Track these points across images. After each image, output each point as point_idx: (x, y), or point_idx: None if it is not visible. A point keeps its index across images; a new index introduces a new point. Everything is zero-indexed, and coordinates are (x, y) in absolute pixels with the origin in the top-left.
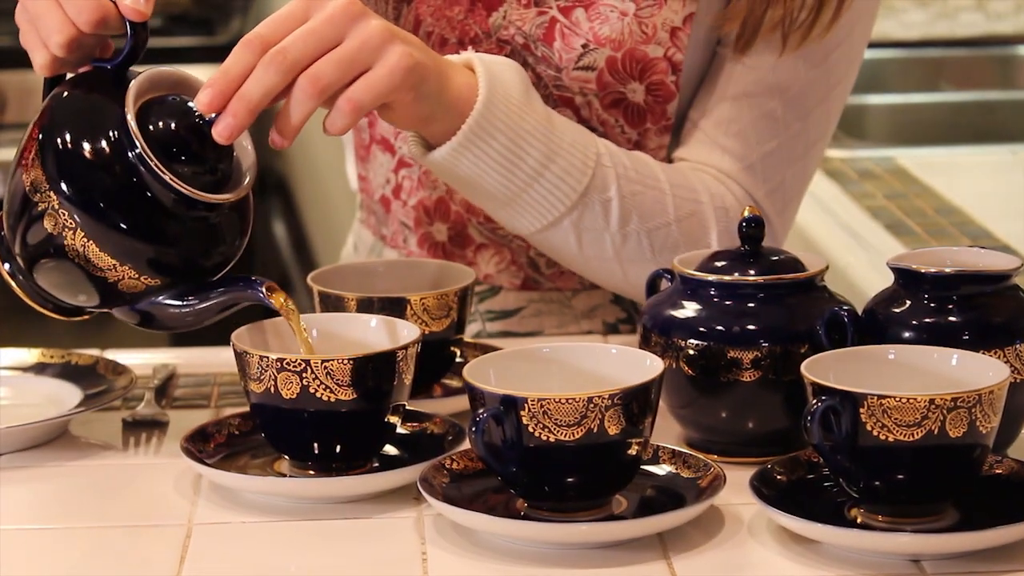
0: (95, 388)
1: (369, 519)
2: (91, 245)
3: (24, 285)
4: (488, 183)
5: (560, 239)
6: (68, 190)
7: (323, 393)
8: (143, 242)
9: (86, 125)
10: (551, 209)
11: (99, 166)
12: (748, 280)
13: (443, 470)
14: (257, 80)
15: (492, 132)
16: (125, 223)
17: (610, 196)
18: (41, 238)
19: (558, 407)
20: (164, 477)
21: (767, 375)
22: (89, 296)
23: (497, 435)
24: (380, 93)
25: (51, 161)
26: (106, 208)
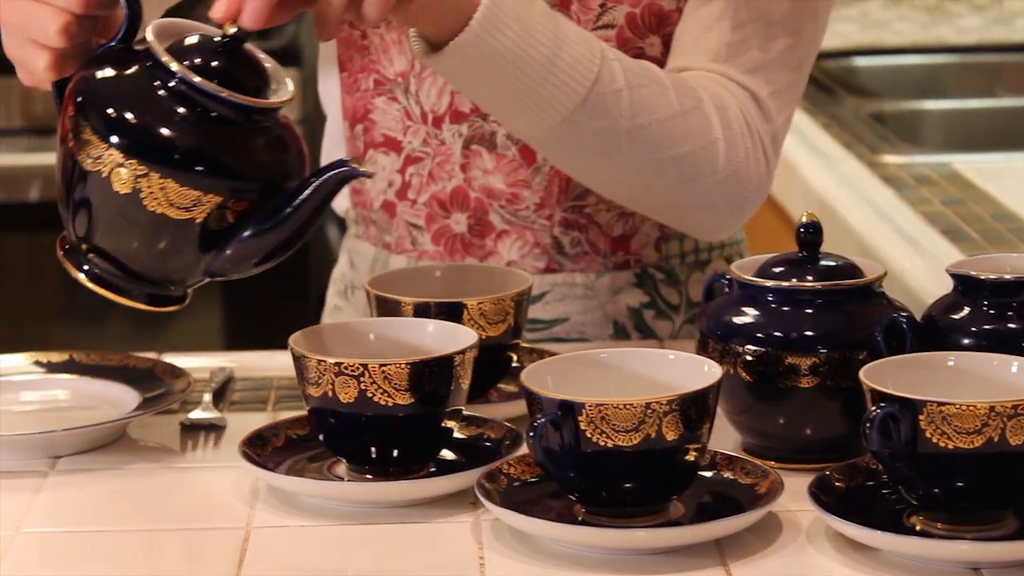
0: (153, 391)
1: (426, 523)
2: (169, 184)
3: (110, 281)
4: (502, 76)
5: (574, 138)
6: (128, 139)
7: (381, 397)
8: (216, 162)
9: (123, 80)
10: (565, 102)
11: (149, 105)
12: (806, 286)
13: (501, 475)
14: None
15: (505, 20)
16: (194, 147)
17: (620, 87)
18: (117, 204)
19: (616, 412)
20: (222, 480)
21: (825, 381)
22: (181, 255)
23: (555, 440)
24: None
25: (101, 123)
26: (172, 138)
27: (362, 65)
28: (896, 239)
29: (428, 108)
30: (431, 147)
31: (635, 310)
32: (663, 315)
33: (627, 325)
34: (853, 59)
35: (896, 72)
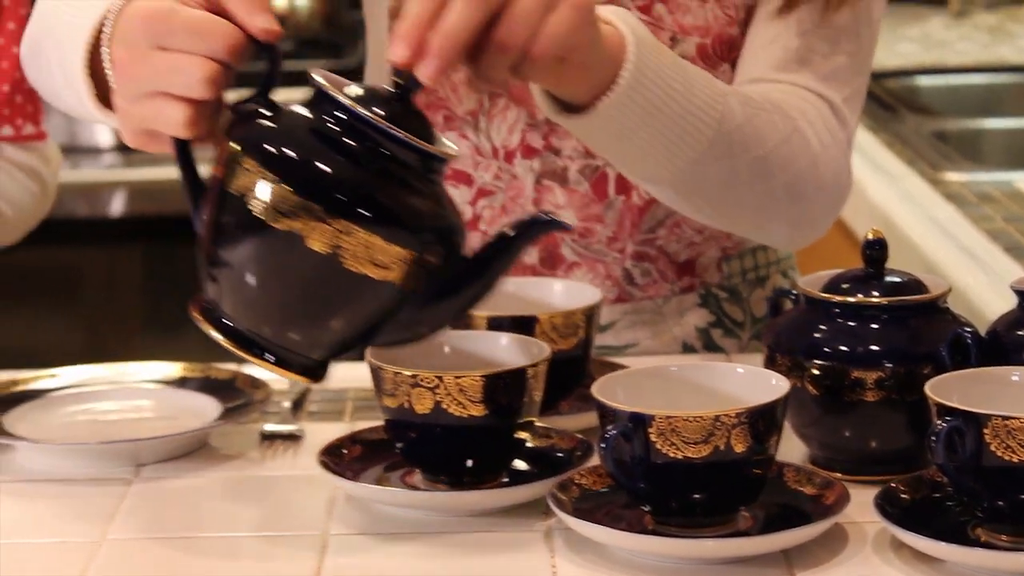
0: (234, 401)
1: (499, 532)
2: (375, 240)
3: (275, 356)
4: (641, 129)
5: (698, 178)
6: (330, 196)
7: (456, 409)
8: (417, 214)
9: (301, 134)
10: (694, 145)
11: (347, 159)
12: (872, 302)
13: (572, 485)
14: (458, 15)
15: (648, 75)
16: (398, 200)
17: (740, 122)
18: (310, 265)
19: (686, 425)
20: (300, 489)
21: (890, 395)
22: (370, 316)
23: (626, 452)
24: (575, 28)
25: (298, 180)
26: (377, 192)
27: (428, 103)
28: (959, 256)
29: (499, 144)
30: (503, 181)
31: (703, 330)
32: (730, 333)
33: (696, 346)
34: (915, 78)
35: (958, 91)
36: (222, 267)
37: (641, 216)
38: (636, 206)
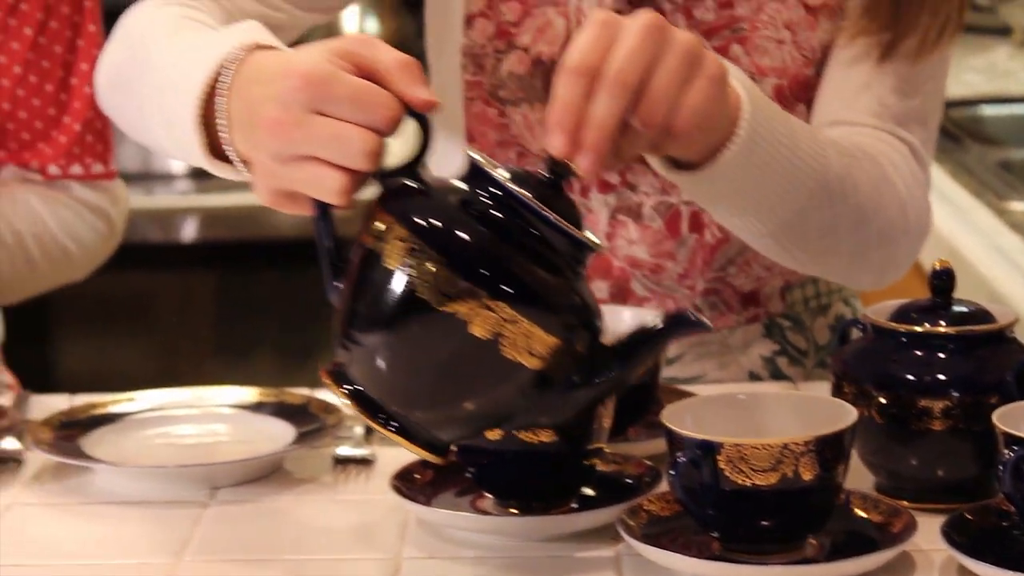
0: (307, 426)
1: (569, 556)
2: (535, 331)
3: (402, 428)
4: (751, 185)
5: (796, 229)
6: (495, 284)
7: (526, 435)
8: (574, 305)
9: (464, 215)
10: (797, 197)
11: (508, 244)
12: (939, 331)
13: (641, 511)
14: (607, 107)
15: (760, 132)
16: (562, 291)
17: (838, 171)
18: (467, 352)
19: (754, 453)
20: (373, 512)
21: (957, 424)
22: (512, 402)
23: (695, 478)
24: (712, 98)
25: (466, 266)
26: (544, 282)
27: (500, 140)
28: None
29: None
30: None
31: (768, 359)
32: (795, 361)
33: (762, 375)
34: (980, 108)
35: (1022, 120)
36: (363, 337)
37: (713, 254)
38: (708, 244)
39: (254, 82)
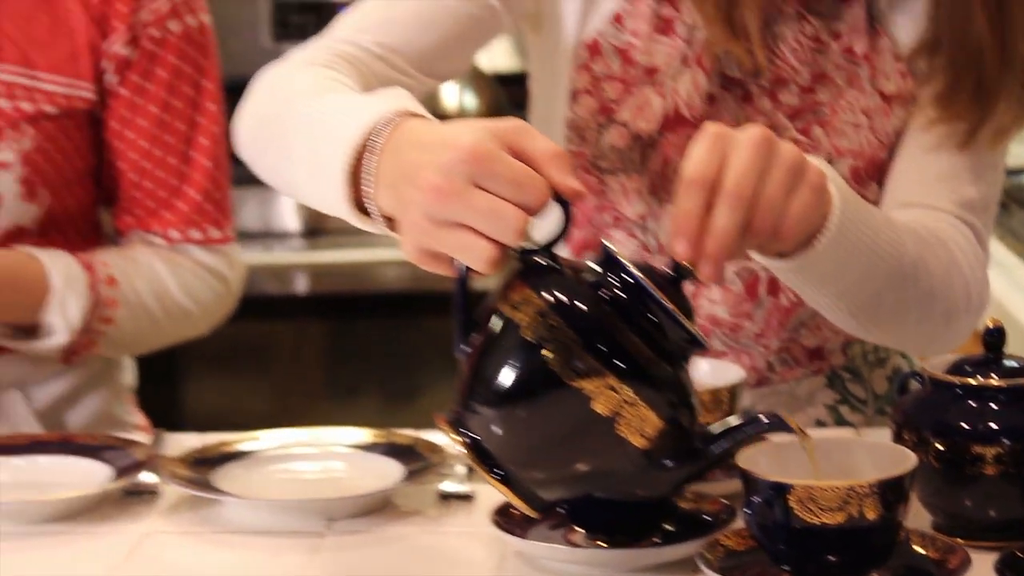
0: (415, 464)
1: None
2: (649, 415)
3: (509, 481)
4: (838, 270)
5: (871, 310)
6: (622, 368)
7: None
8: (684, 396)
9: (598, 300)
10: (874, 281)
11: (635, 331)
12: (992, 384)
13: (718, 546)
14: (725, 219)
15: (847, 224)
16: (665, 378)
17: (913, 257)
18: (585, 425)
19: (823, 494)
20: (473, 545)
21: (1008, 469)
22: (609, 475)
23: (768, 517)
24: (814, 205)
25: (600, 348)
26: (657, 366)
27: (599, 205)
28: None
29: (665, 241)
30: None
31: (831, 407)
32: (856, 409)
33: (827, 421)
34: None
35: None
36: (486, 394)
37: (787, 317)
38: (783, 307)
39: (412, 146)
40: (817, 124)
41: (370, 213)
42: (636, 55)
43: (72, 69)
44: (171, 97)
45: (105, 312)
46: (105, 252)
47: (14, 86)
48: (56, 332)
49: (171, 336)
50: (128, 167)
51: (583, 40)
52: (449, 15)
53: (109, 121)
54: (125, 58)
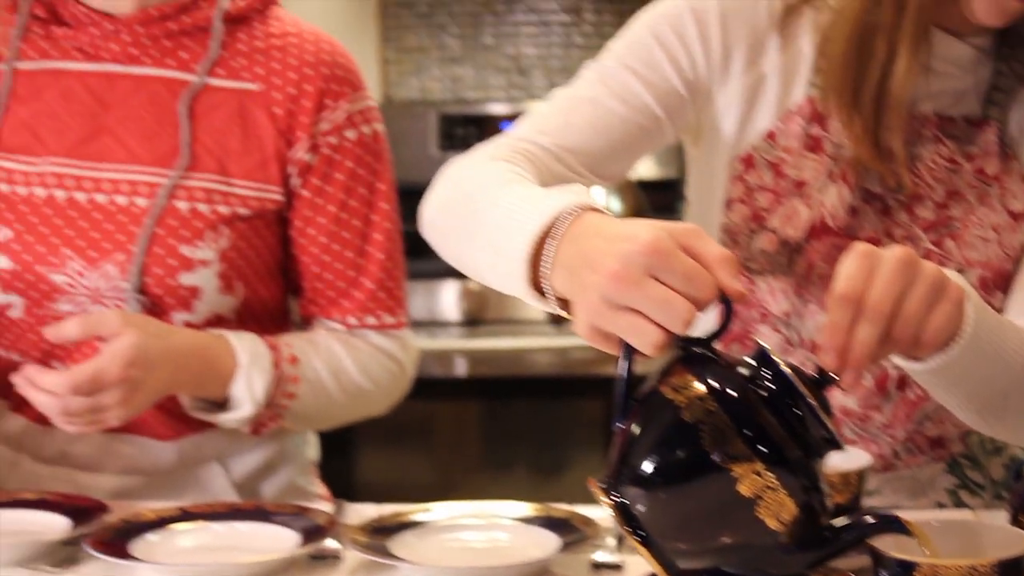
0: (570, 536)
1: None
2: (787, 502)
3: (652, 545)
4: (969, 373)
5: (1000, 406)
6: (770, 455)
7: None
8: (818, 487)
9: (755, 392)
10: (1005, 383)
11: (783, 424)
12: None
13: None
14: (868, 333)
15: (979, 332)
16: (804, 469)
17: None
18: (728, 504)
19: (946, 572)
20: None
21: None
22: (738, 552)
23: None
24: (952, 318)
25: (753, 434)
26: (798, 458)
27: (748, 301)
28: None
29: (806, 337)
30: (805, 367)
31: (951, 491)
32: (975, 493)
33: (948, 505)
34: None
35: None
36: (640, 465)
37: (914, 410)
38: (911, 401)
39: (593, 235)
40: (949, 237)
41: (545, 293)
42: (787, 169)
43: (262, 175)
44: (347, 197)
45: (288, 388)
46: (289, 335)
47: (212, 192)
48: (242, 405)
49: (351, 412)
50: (310, 261)
51: (739, 154)
52: (620, 123)
53: (293, 220)
54: (307, 163)
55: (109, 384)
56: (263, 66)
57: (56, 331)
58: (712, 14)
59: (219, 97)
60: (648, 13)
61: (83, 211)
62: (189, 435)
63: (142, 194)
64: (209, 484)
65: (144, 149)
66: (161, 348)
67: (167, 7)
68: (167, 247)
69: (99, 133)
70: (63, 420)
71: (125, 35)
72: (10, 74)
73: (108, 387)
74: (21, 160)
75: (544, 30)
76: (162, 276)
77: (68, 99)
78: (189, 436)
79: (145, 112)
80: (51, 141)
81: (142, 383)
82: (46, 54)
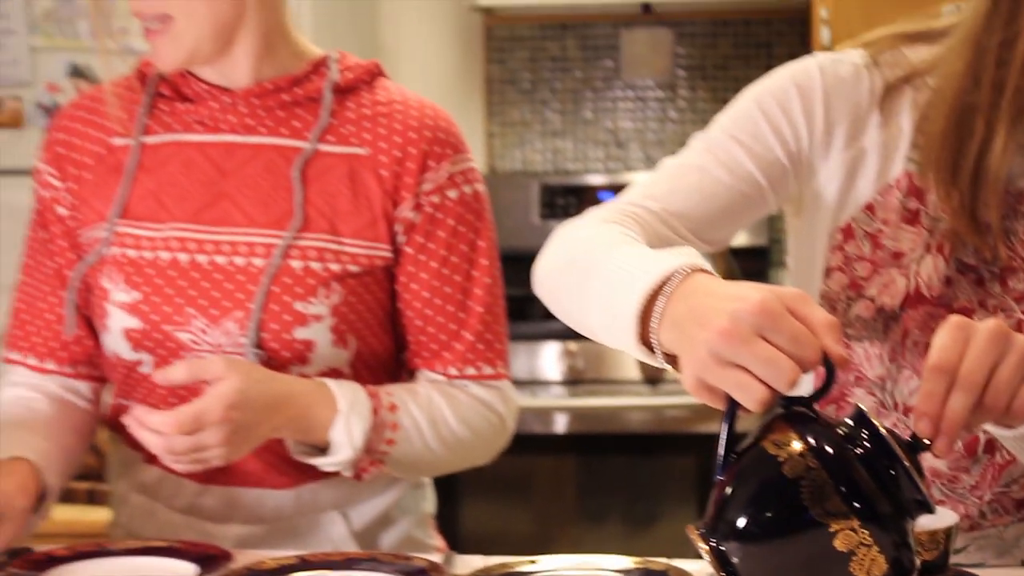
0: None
1: None
2: (879, 558)
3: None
4: None
5: None
6: (866, 510)
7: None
8: (904, 542)
9: (852, 452)
10: None
11: (878, 483)
12: None
13: None
14: (960, 403)
15: None
16: (897, 528)
17: None
18: (822, 556)
19: None
20: None
21: None
22: None
23: None
24: None
25: (848, 490)
26: (891, 516)
27: (846, 366)
28: None
29: (900, 400)
30: (898, 430)
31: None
32: None
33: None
34: None
35: None
36: (738, 516)
37: (1001, 472)
38: (998, 464)
39: (704, 294)
40: None
41: (653, 348)
42: (885, 240)
43: (371, 233)
44: (449, 253)
45: (387, 434)
46: (391, 385)
47: (324, 251)
48: (341, 449)
49: (451, 461)
50: (414, 314)
51: (838, 224)
52: (725, 191)
53: (399, 275)
54: (411, 221)
55: (210, 424)
56: (370, 132)
57: (164, 374)
58: (816, 91)
59: (330, 162)
60: (755, 87)
61: (204, 272)
62: (305, 483)
63: (259, 254)
64: (329, 533)
65: (260, 212)
66: (262, 393)
67: (280, 80)
68: (282, 304)
69: (219, 199)
70: (170, 459)
71: (242, 107)
72: (138, 148)
73: (209, 427)
74: (147, 227)
75: (640, 105)
76: (278, 331)
77: (190, 168)
78: (306, 484)
79: (261, 178)
80: (175, 208)
81: (242, 425)
82: (169, 128)
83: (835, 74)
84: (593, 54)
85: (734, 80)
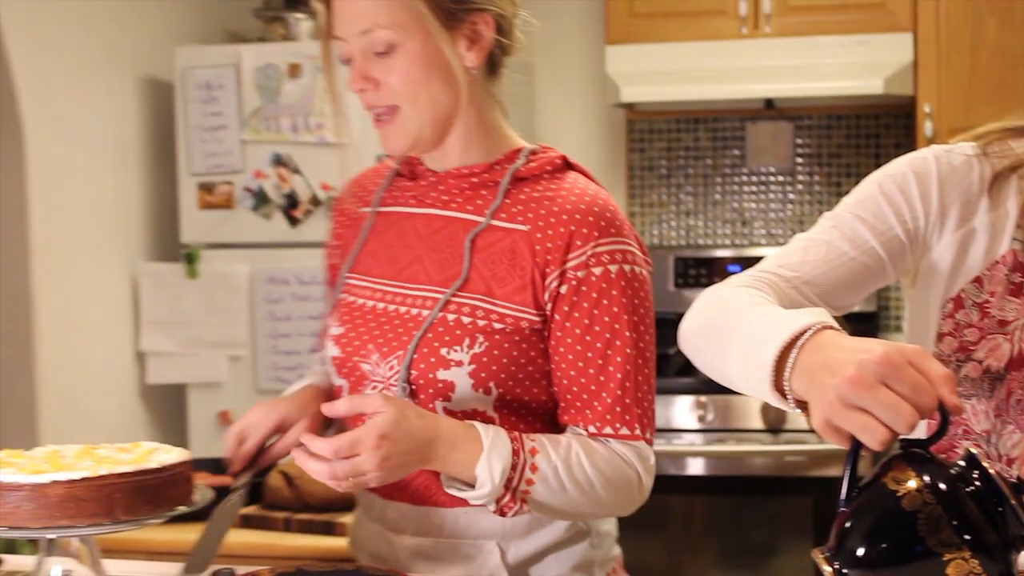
0: None
1: None
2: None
3: None
4: None
5: None
6: (976, 542)
7: None
8: (1010, 572)
9: (965, 490)
10: None
11: (985, 514)
12: None
13: None
14: None
15: None
16: (1004, 559)
17: None
18: None
19: None
20: None
21: None
22: None
23: None
24: None
25: (961, 524)
26: (999, 548)
27: (953, 421)
28: None
29: (1004, 452)
30: None
31: None
32: None
33: None
34: None
35: None
36: (858, 544)
37: None
38: None
39: (833, 348)
40: None
41: (786, 395)
42: (991, 310)
43: (520, 298)
44: (591, 323)
45: (527, 475)
46: (537, 433)
47: (476, 308)
48: (483, 484)
49: (586, 505)
50: (562, 374)
51: (950, 295)
52: (849, 262)
53: (549, 338)
54: (557, 292)
55: (364, 450)
56: (534, 212)
57: (330, 407)
58: (932, 177)
59: (497, 235)
60: (877, 173)
61: (389, 317)
62: (467, 505)
63: (428, 307)
64: (485, 560)
65: (437, 272)
66: (412, 427)
67: (476, 166)
68: (431, 348)
69: (414, 261)
70: (333, 482)
71: (443, 186)
72: (373, 216)
73: (364, 452)
74: (364, 279)
75: (763, 188)
76: (424, 371)
77: (401, 235)
78: (465, 507)
79: (444, 245)
80: (387, 266)
81: (394, 452)
82: (397, 201)
83: (949, 163)
84: (722, 144)
85: (846, 167)
